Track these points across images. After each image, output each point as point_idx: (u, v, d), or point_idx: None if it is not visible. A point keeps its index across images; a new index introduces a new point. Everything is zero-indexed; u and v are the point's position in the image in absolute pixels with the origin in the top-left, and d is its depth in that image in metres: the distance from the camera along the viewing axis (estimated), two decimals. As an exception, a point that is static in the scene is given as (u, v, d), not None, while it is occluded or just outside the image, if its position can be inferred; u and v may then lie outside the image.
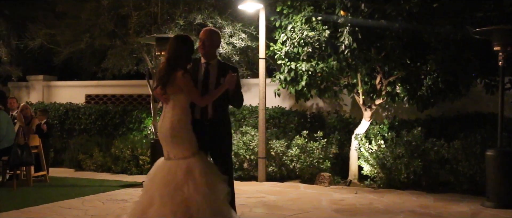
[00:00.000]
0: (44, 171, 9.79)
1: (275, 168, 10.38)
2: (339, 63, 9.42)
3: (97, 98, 14.60)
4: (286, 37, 9.87)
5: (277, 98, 11.45)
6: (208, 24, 10.69)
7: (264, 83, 10.45)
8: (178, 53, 5.28)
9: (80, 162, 12.16)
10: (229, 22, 10.99)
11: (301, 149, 10.19)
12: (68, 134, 13.42)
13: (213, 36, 5.62)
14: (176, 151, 5.27)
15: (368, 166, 9.73)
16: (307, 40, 9.56)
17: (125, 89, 14.25)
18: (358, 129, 10.17)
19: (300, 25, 9.71)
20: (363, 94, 10.14)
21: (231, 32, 10.99)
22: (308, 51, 9.57)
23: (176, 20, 10.70)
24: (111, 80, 13.89)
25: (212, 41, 5.59)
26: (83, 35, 11.87)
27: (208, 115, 5.53)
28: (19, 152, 8.75)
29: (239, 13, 10.95)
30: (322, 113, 11.70)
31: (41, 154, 9.76)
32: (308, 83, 9.97)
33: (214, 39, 5.63)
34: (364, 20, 8.93)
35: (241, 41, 10.94)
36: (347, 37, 8.98)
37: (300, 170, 10.21)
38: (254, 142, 10.49)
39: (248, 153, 10.45)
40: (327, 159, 10.14)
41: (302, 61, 9.80)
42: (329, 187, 9.68)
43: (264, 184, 9.97)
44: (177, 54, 5.28)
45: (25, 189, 8.99)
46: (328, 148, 10.27)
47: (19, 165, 8.92)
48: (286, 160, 10.29)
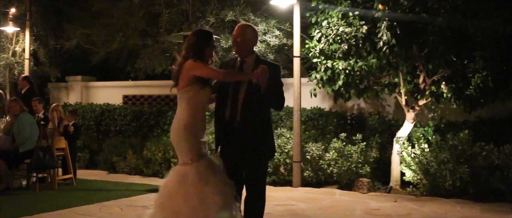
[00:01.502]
0: (71, 174, 9.52)
1: (311, 172, 9.80)
2: (379, 61, 8.77)
3: (134, 99, 14.34)
4: (320, 34, 9.27)
5: (316, 98, 10.86)
6: (240, 21, 10.20)
7: (299, 83, 9.88)
8: (188, 46, 4.83)
9: (114, 164, 11.88)
10: (262, 19, 10.47)
11: (339, 153, 9.57)
12: (103, 135, 13.20)
13: (245, 32, 4.96)
14: (179, 155, 4.80)
15: (410, 172, 9.03)
16: (343, 37, 8.94)
17: (161, 90, 13.92)
18: (400, 132, 9.47)
19: (336, 21, 9.11)
20: (405, 94, 9.44)
21: (265, 30, 10.46)
22: (344, 48, 8.94)
23: (207, 17, 10.26)
24: (147, 81, 13.63)
25: (244, 37, 4.93)
26: (116, 34, 11.63)
27: (237, 117, 4.86)
28: (41, 154, 8.48)
29: (273, 9, 10.43)
30: (364, 114, 11.03)
31: (67, 157, 9.49)
32: (345, 83, 9.35)
33: (247, 35, 4.96)
34: (403, 14, 8.25)
35: (275, 39, 10.38)
36: (385, 32, 8.32)
37: (337, 175, 9.59)
38: (289, 145, 9.94)
39: (283, 156, 9.91)
40: (367, 164, 9.48)
41: (339, 60, 9.20)
42: (367, 194, 9.03)
43: (298, 190, 9.41)
44: (187, 47, 4.83)
45: (48, 192, 8.72)
46: (368, 152, 9.61)
47: (41, 168, 8.66)
48: (323, 164, 9.68)
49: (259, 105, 4.86)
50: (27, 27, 12.99)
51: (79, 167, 12.41)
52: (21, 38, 13.78)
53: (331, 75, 9.43)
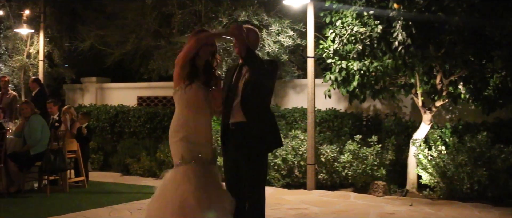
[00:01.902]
0: (83, 177, 9.45)
1: (326, 175, 9.62)
2: (394, 61, 8.58)
3: (148, 100, 14.28)
4: (334, 34, 9.09)
5: (332, 100, 10.68)
6: (253, 21, 10.07)
7: (313, 84, 9.71)
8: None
9: (127, 166, 11.81)
10: (276, 19, 10.31)
11: (354, 155, 9.38)
12: (118, 137, 13.15)
13: (247, 34, 4.85)
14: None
15: (426, 175, 8.82)
16: (357, 37, 8.76)
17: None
18: (417, 133, 9.26)
19: (350, 21, 8.93)
20: (422, 95, 9.22)
21: (279, 30, 10.30)
22: (359, 48, 8.76)
23: (219, 18, 10.13)
24: (162, 82, 13.54)
25: (249, 39, 4.82)
26: (129, 36, 11.57)
27: (232, 117, 4.79)
28: (52, 157, 8.42)
29: (287, 9, 10.27)
30: (380, 116, 10.82)
31: (79, 159, 9.43)
32: (360, 84, 9.16)
33: (249, 37, 4.85)
34: (419, 13, 8.04)
35: (289, 39, 10.22)
36: (400, 32, 8.13)
37: (352, 178, 9.40)
38: (303, 147, 9.77)
39: (297, 158, 9.74)
40: (383, 166, 9.28)
41: (354, 60, 9.02)
42: (383, 197, 8.84)
43: (312, 193, 9.25)
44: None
45: (59, 195, 8.66)
46: (384, 154, 9.42)
47: (52, 171, 8.60)
48: (337, 166, 9.50)
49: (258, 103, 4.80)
50: (41, 29, 12.99)
51: (93, 168, 12.39)
52: (36, 40, 13.79)
53: (345, 76, 9.26)
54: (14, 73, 14.08)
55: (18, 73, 14.07)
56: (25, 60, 13.96)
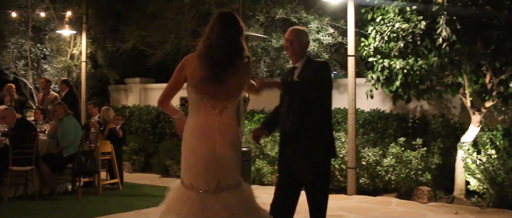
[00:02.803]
0: (117, 179, 9.31)
1: (367, 179, 9.15)
2: (440, 59, 8.05)
3: (190, 101, 14.08)
4: (375, 31, 8.62)
5: (376, 100, 10.20)
6: (291, 19, 9.71)
7: (353, 84, 9.26)
8: None
9: (167, 168, 11.64)
10: (316, 17, 9.90)
11: (397, 159, 8.88)
12: (159, 138, 13.02)
13: (301, 35, 4.74)
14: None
15: (475, 181, 8.23)
16: (399, 34, 8.27)
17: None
18: (465, 136, 8.68)
19: (392, 16, 8.44)
20: (470, 95, 8.64)
21: (318, 28, 9.88)
22: (400, 46, 8.26)
23: (257, 16, 9.81)
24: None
25: (300, 41, 4.70)
26: (169, 36, 11.41)
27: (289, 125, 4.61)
28: (83, 159, 8.29)
29: (327, 6, 9.84)
30: (427, 117, 10.23)
31: (113, 161, 9.29)
32: (404, 83, 8.66)
33: (303, 38, 4.74)
34: (464, 7, 7.49)
35: (328, 37, 9.79)
36: (444, 28, 7.59)
37: (395, 183, 8.91)
38: (344, 149, 9.34)
39: (337, 161, 9.32)
40: (428, 171, 8.74)
41: (397, 59, 8.53)
42: (427, 204, 8.32)
43: (352, 198, 8.81)
44: None
45: (91, 198, 8.53)
46: (429, 158, 8.87)
47: (82, 173, 8.48)
48: (380, 170, 9.02)
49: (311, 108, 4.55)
50: (83, 30, 12.99)
51: (134, 170, 12.31)
52: (79, 41, 13.83)
53: (388, 75, 8.78)
54: (58, 74, 14.15)
55: (62, 74, 14.14)
56: (69, 61, 14.01)
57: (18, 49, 14.33)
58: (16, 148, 7.99)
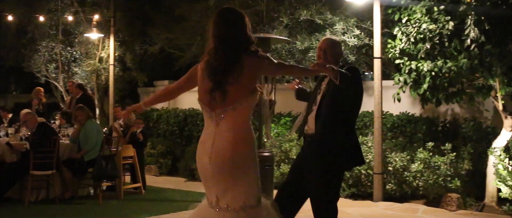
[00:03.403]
0: (139, 183, 9.25)
1: (394, 185, 8.86)
2: (470, 61, 7.72)
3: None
4: (400, 32, 8.33)
5: (406, 103, 9.91)
6: (316, 20, 9.49)
7: (379, 87, 8.98)
8: None
9: (193, 171, 11.53)
10: (341, 18, 9.65)
11: (425, 164, 8.57)
12: (186, 141, 12.94)
13: (335, 46, 4.77)
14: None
15: (506, 188, 7.85)
16: (426, 35, 7.97)
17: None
18: (497, 141, 8.32)
19: (419, 17, 8.14)
20: (502, 98, 8.27)
21: (344, 29, 9.63)
22: (427, 47, 7.96)
23: (280, 18, 9.61)
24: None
25: (334, 50, 4.72)
26: (195, 38, 11.32)
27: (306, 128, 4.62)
28: (103, 163, 8.24)
29: (353, 7, 9.58)
30: (458, 120, 9.87)
31: (135, 165, 9.23)
32: (432, 86, 8.35)
33: (337, 48, 4.78)
34: (493, 7, 7.16)
35: (354, 39, 9.52)
36: (472, 28, 7.27)
37: (423, 189, 8.59)
38: (371, 154, 9.07)
39: (363, 167, 9.04)
40: (458, 177, 8.41)
41: (425, 61, 8.23)
42: (455, 211, 7.99)
43: (377, 205, 8.53)
44: None
45: (111, 202, 8.48)
46: (459, 163, 8.53)
47: (103, 177, 8.43)
48: (408, 176, 8.72)
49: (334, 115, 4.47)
50: (111, 33, 13.03)
51: (161, 173, 12.25)
52: (107, 44, 13.88)
53: (416, 77, 8.49)
54: (88, 77, 14.25)
55: (90, 77, 14.23)
56: (97, 64, 14.08)
57: (49, 52, 14.49)
58: (36, 152, 8.00)
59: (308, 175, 4.48)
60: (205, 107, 3.59)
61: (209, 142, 3.56)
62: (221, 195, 3.51)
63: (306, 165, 4.51)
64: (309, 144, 4.54)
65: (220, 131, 3.53)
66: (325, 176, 4.41)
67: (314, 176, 4.43)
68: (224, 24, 3.54)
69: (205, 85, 3.53)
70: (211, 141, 3.55)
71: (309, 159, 4.48)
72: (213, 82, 3.49)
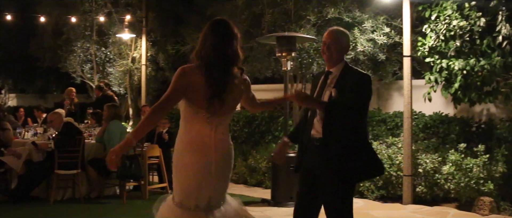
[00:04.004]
0: (165, 183, 9.21)
1: (425, 188, 8.57)
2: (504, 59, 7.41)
3: (251, 104, 13.87)
4: (429, 29, 8.06)
5: (439, 103, 9.61)
6: (344, 18, 9.28)
7: (409, 86, 8.68)
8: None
9: (223, 172, 11.46)
10: (370, 16, 9.41)
11: (456, 166, 8.26)
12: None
13: (340, 38, 4.28)
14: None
15: (541, 192, 7.51)
16: (456, 32, 7.68)
17: (278, 94, 13.31)
18: (532, 143, 7.97)
19: (450, 13, 7.86)
20: (537, 98, 7.92)
21: (373, 27, 9.38)
22: (456, 45, 7.67)
23: (307, 16, 9.44)
24: (263, 84, 13.12)
25: (338, 44, 4.24)
26: (223, 37, 11.24)
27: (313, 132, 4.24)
28: (127, 163, 8.23)
29: (382, 4, 9.34)
30: (493, 121, 9.50)
31: (162, 165, 9.20)
32: (463, 85, 8.05)
33: (342, 42, 4.28)
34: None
35: (383, 37, 9.27)
36: (504, 25, 6.96)
37: (455, 192, 8.29)
38: (400, 155, 8.80)
39: (393, 169, 8.79)
40: (491, 180, 8.07)
41: (456, 59, 7.94)
42: (488, 216, 7.66)
43: (406, 208, 8.27)
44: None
45: (136, 202, 8.46)
46: (493, 166, 8.20)
47: (126, 177, 8.42)
48: (439, 178, 8.42)
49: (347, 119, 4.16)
50: (143, 33, 13.08)
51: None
52: (139, 44, 13.94)
53: (447, 76, 8.20)
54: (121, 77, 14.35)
55: (123, 77, 14.33)
56: (130, 64, 14.16)
57: (84, 53, 14.65)
58: (61, 152, 8.05)
59: (321, 184, 4.18)
60: (202, 112, 3.63)
61: (210, 145, 3.66)
62: (216, 195, 3.72)
63: (317, 172, 4.20)
64: (318, 149, 4.19)
65: (218, 134, 3.71)
66: (341, 187, 4.12)
67: (329, 188, 4.13)
68: (224, 34, 3.67)
69: (204, 92, 3.58)
70: (213, 144, 3.67)
71: (320, 166, 4.17)
72: (214, 90, 3.58)
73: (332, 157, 4.09)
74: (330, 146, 4.10)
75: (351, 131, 4.16)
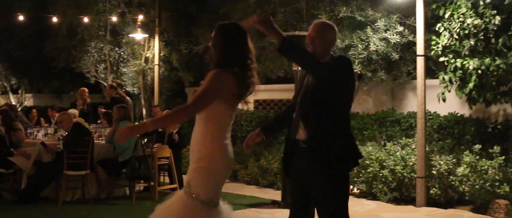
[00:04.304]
0: (176, 184, 9.14)
1: (438, 190, 8.39)
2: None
3: (264, 104, 13.79)
4: (443, 28, 7.89)
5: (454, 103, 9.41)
6: (356, 17, 9.14)
7: (423, 86, 8.51)
8: None
9: (236, 172, 11.37)
10: (384, 14, 9.25)
11: (471, 168, 8.07)
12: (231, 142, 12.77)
13: (325, 32, 4.09)
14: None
15: (558, 195, 7.31)
16: (470, 31, 7.50)
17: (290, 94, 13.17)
18: (550, 144, 7.76)
19: (464, 12, 7.68)
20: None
21: (386, 26, 9.22)
22: (470, 44, 7.49)
23: (319, 15, 9.31)
24: (278, 84, 13.00)
25: (323, 38, 4.06)
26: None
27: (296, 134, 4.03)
28: (136, 164, 8.17)
29: (395, 3, 9.17)
30: (510, 121, 9.28)
31: (172, 166, 9.14)
32: (478, 85, 7.87)
33: (327, 35, 4.10)
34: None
35: (396, 36, 9.11)
36: (518, 23, 6.78)
37: (470, 195, 8.10)
38: (414, 157, 8.63)
39: (406, 170, 8.63)
40: (507, 182, 7.87)
41: (471, 58, 7.76)
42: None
43: (419, 211, 8.10)
44: None
45: (145, 203, 8.39)
46: (509, 167, 8.00)
47: (135, 178, 8.36)
48: (453, 180, 8.24)
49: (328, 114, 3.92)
50: (156, 33, 13.04)
51: (205, 173, 12.13)
52: (152, 44, 13.91)
53: (462, 76, 8.03)
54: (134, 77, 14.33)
55: (137, 78, 14.31)
56: (143, 64, 14.13)
57: (97, 53, 14.65)
58: (69, 153, 8.02)
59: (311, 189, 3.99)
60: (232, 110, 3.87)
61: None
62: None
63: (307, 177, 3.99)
64: (304, 151, 3.97)
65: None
66: (329, 186, 3.93)
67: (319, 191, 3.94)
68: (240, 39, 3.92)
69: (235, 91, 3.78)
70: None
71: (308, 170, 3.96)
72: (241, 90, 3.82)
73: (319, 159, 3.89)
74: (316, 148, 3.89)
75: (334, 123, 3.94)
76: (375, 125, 10.44)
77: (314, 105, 3.94)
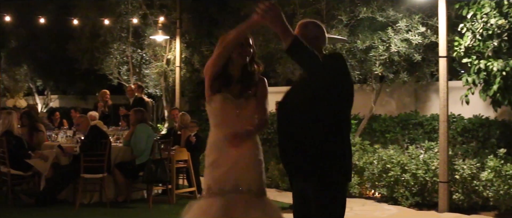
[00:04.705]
0: (194, 187, 9.07)
1: (462, 195, 8.16)
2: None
3: (286, 106, 13.62)
4: (466, 28, 7.66)
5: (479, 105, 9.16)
6: (377, 17, 8.96)
7: (445, 89, 8.30)
8: None
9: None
10: (405, 15, 9.05)
11: (496, 173, 7.83)
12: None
13: (306, 29, 3.83)
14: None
15: None
16: (494, 31, 7.28)
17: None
18: None
19: (488, 11, 7.45)
20: None
21: (408, 26, 9.02)
22: (494, 45, 7.26)
23: (339, 16, 9.15)
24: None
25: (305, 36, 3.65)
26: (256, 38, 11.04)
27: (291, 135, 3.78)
28: (153, 167, 8.11)
29: (417, 3, 8.96)
30: (538, 124, 9.01)
31: (190, 169, 9.06)
32: (503, 87, 7.63)
33: (309, 32, 3.78)
34: None
35: (418, 37, 8.90)
36: (544, 23, 6.54)
37: (494, 200, 7.86)
38: (437, 161, 8.42)
39: (429, 174, 8.42)
40: (532, 187, 7.64)
41: (495, 60, 7.53)
42: (529, 226, 7.24)
43: (442, 216, 7.92)
44: None
45: (162, 207, 8.36)
46: (534, 173, 7.76)
47: (152, 181, 8.31)
48: (477, 185, 8.01)
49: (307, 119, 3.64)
50: (177, 34, 13.00)
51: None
52: (174, 46, 13.87)
53: (486, 78, 7.79)
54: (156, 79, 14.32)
55: (158, 79, 14.29)
56: (164, 66, 14.10)
57: (120, 55, 14.68)
58: (86, 156, 8.00)
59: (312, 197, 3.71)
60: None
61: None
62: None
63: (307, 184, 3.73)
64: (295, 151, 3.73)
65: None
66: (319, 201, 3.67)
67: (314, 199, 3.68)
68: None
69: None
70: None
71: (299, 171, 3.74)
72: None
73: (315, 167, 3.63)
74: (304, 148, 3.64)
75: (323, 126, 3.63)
76: (397, 127, 10.25)
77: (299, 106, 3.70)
